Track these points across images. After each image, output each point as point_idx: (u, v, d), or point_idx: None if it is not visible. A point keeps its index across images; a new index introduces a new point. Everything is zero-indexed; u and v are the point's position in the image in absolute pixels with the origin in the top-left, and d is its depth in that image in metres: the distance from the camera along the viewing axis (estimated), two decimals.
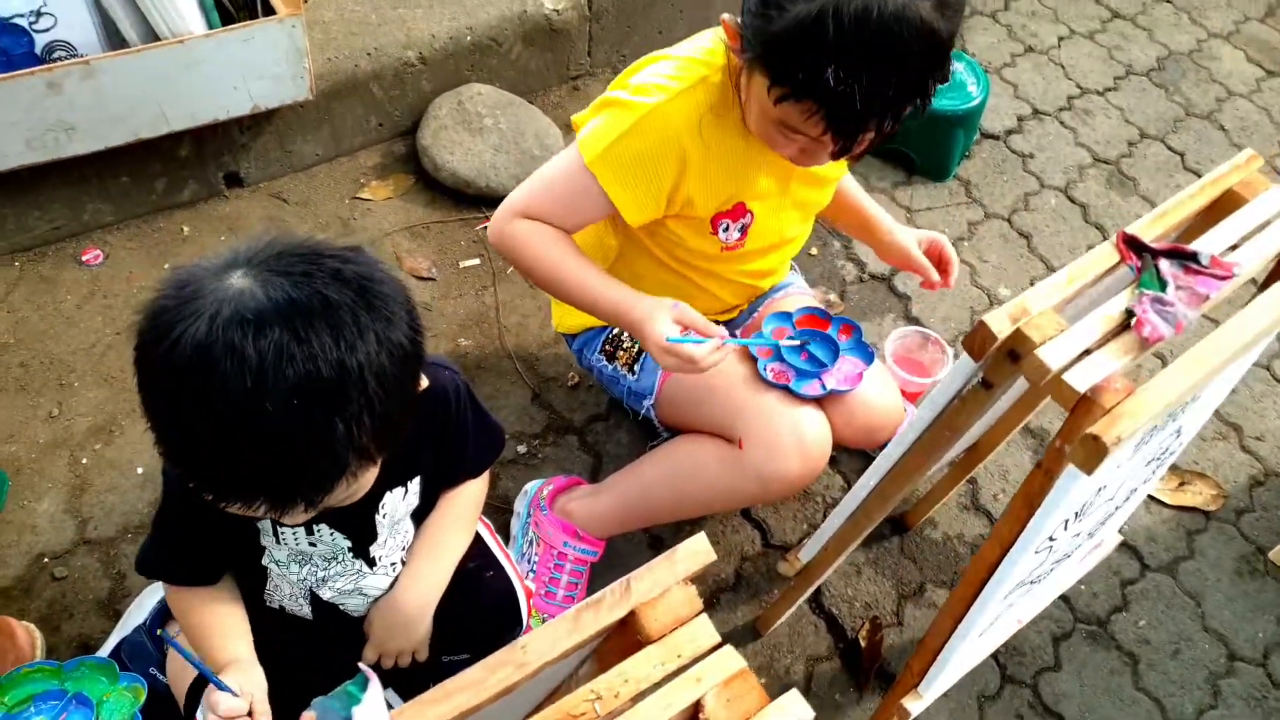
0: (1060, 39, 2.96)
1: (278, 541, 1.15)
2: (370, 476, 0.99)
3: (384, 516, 1.19)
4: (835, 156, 1.30)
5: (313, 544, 1.16)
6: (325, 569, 1.21)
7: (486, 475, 1.35)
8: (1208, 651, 1.77)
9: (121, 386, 1.86)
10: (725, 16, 1.30)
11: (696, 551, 0.78)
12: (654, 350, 1.34)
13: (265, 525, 1.14)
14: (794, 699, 0.72)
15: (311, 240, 0.91)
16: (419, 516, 1.27)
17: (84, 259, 2.03)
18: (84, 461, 1.76)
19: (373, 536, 1.20)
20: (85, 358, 1.89)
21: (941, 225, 2.41)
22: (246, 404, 0.80)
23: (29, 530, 1.67)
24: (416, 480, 1.21)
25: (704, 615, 0.77)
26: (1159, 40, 3.01)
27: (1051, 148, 2.64)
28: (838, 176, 1.59)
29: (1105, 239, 1.12)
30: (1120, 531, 1.88)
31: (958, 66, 2.43)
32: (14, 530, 1.66)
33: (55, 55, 1.85)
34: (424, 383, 1.02)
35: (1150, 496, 1.95)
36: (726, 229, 1.48)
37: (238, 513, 0.89)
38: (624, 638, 0.78)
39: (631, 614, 0.75)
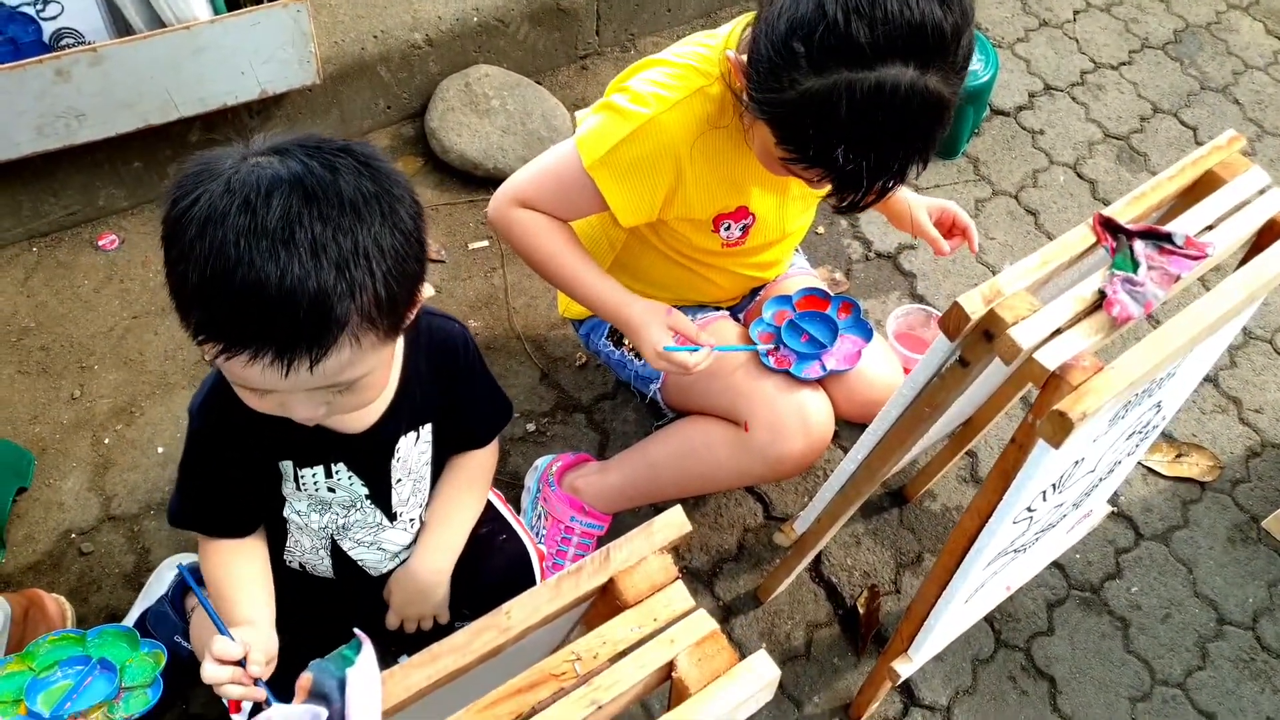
0: (1076, 12, 2.93)
1: (298, 488, 1.20)
2: (379, 370, 1.02)
3: (399, 462, 1.24)
4: (838, 210, 1.31)
5: (331, 489, 1.21)
6: (345, 517, 1.26)
7: (496, 445, 1.40)
8: (1198, 616, 1.81)
9: (140, 369, 1.92)
10: (730, 54, 1.29)
11: (672, 523, 0.83)
12: (648, 354, 1.42)
13: (286, 470, 1.19)
14: (761, 659, 0.77)
15: (319, 133, 0.97)
16: (437, 473, 1.32)
17: (100, 244, 2.09)
18: (106, 441, 1.82)
19: (389, 484, 1.25)
20: (104, 341, 1.95)
21: None
22: (255, 255, 0.85)
23: (56, 507, 1.74)
24: (429, 427, 1.26)
25: (679, 582, 0.81)
26: (1176, 12, 2.98)
27: (1062, 124, 2.64)
28: None
29: (1114, 204, 1.15)
30: (1114, 502, 1.92)
31: None
32: (41, 508, 1.73)
33: (63, 43, 1.89)
34: (429, 290, 1.07)
35: (1146, 468, 1.99)
36: (728, 228, 1.51)
37: (243, 369, 0.92)
38: (606, 604, 0.83)
39: (611, 581, 0.80)
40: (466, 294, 2.11)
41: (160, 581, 1.59)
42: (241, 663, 1.02)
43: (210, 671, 1.01)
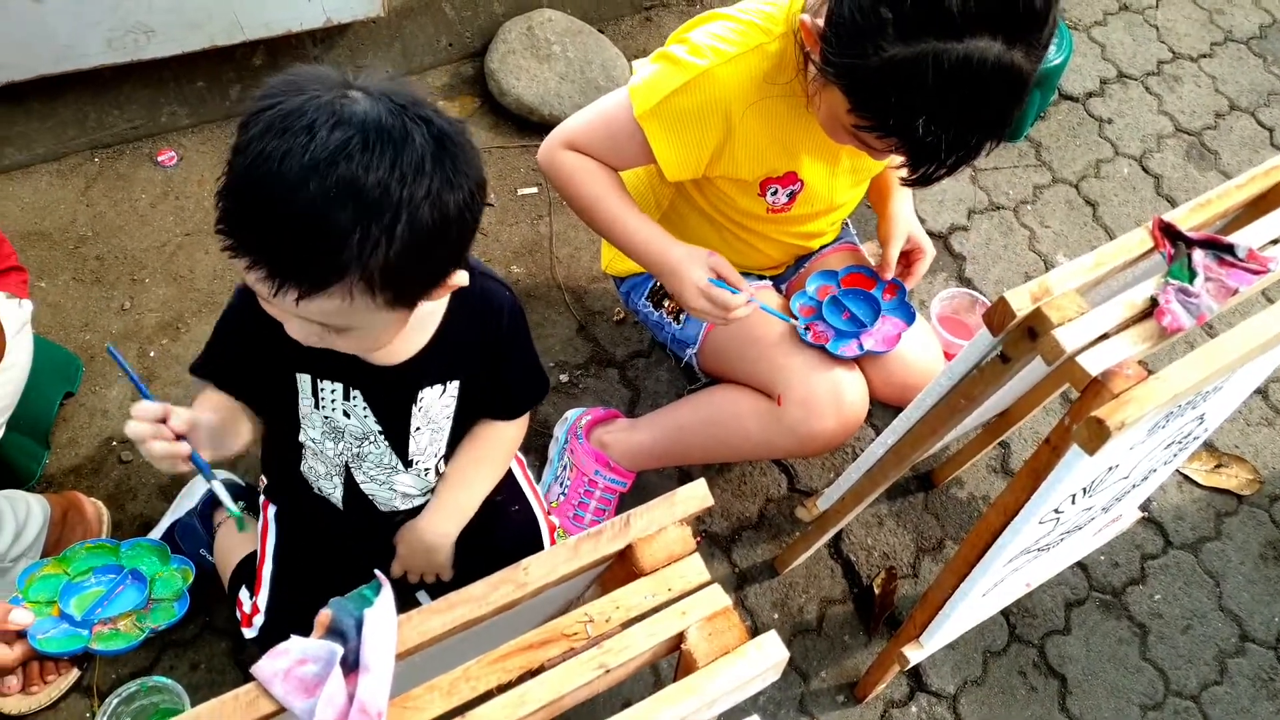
0: None
1: (316, 405, 1.22)
2: (376, 330, 1.03)
3: (420, 410, 1.25)
4: (904, 183, 1.28)
5: (347, 413, 1.22)
6: (358, 448, 1.27)
7: (525, 420, 1.40)
8: (1220, 630, 1.79)
9: (189, 286, 1.95)
10: (804, 18, 1.25)
11: (695, 496, 0.83)
12: (689, 292, 1.39)
13: (305, 386, 1.20)
14: (772, 640, 0.77)
15: (421, 91, 0.97)
16: (458, 429, 1.32)
17: (159, 159, 2.12)
18: (151, 354, 1.86)
19: (406, 427, 1.26)
20: (156, 255, 1.99)
21: (1006, 187, 2.38)
22: (292, 174, 0.87)
23: (100, 414, 1.78)
24: (456, 384, 1.26)
25: (696, 555, 0.82)
26: (1265, 6, 2.87)
27: (1132, 114, 2.57)
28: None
29: (1175, 209, 1.12)
30: (1147, 508, 1.90)
31: None
32: (86, 414, 1.78)
33: None
34: (463, 279, 1.06)
35: (1183, 475, 1.96)
36: (775, 193, 1.49)
37: (244, 273, 0.93)
38: (623, 568, 0.84)
39: (629, 547, 0.81)
40: (512, 240, 2.12)
41: (190, 496, 1.63)
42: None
43: (130, 427, 1.04)
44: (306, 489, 1.36)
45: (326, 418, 1.23)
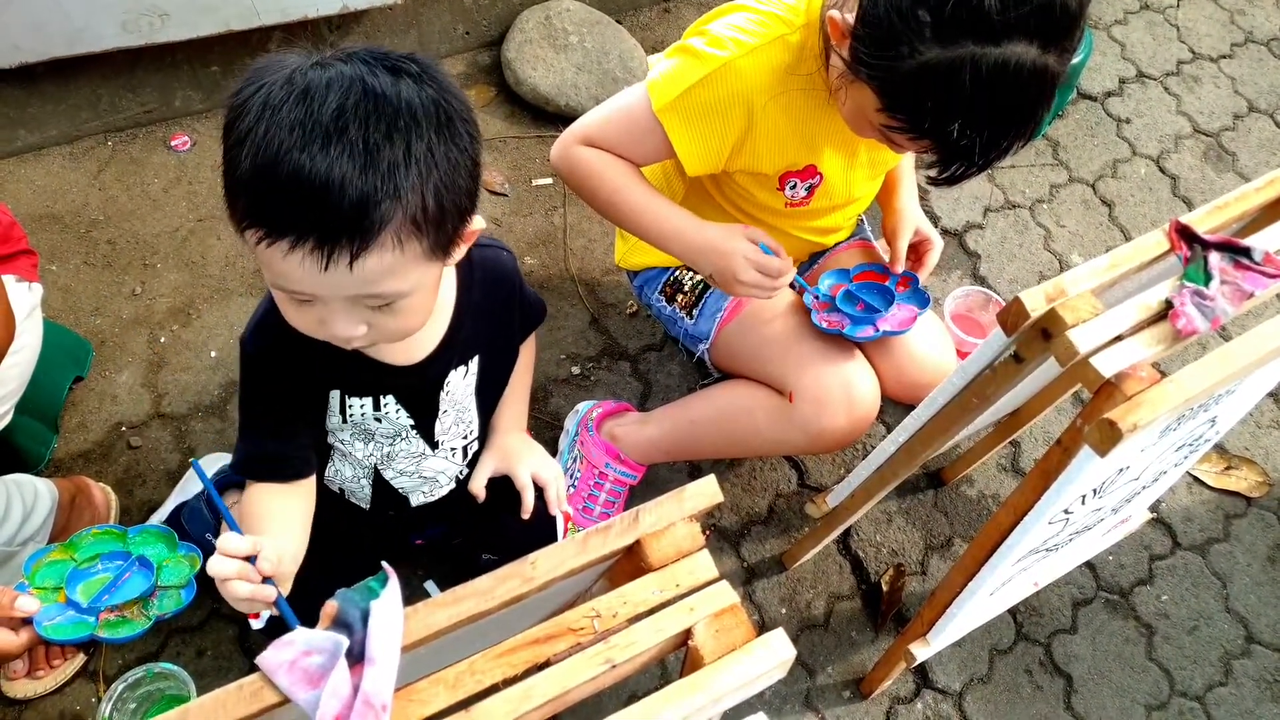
0: None
1: (344, 420, 1.22)
2: (421, 295, 1.01)
3: (447, 394, 1.26)
4: (933, 182, 1.27)
5: (378, 419, 1.23)
6: (390, 446, 1.28)
7: (532, 340, 1.43)
8: (1226, 631, 1.79)
9: (201, 272, 1.96)
10: (832, 13, 1.23)
11: (704, 492, 0.83)
12: (738, 264, 1.37)
13: (333, 403, 1.20)
14: (778, 637, 0.77)
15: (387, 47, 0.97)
16: (481, 403, 1.33)
17: (173, 144, 2.12)
18: (162, 340, 1.87)
19: (434, 415, 1.26)
20: (169, 241, 1.99)
21: (1022, 185, 2.37)
22: (307, 141, 0.86)
23: (109, 399, 1.79)
24: (476, 360, 1.27)
25: (704, 551, 0.81)
26: None
27: (1150, 114, 2.55)
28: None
29: (1192, 211, 1.11)
30: (1156, 509, 1.89)
31: None
32: (96, 398, 1.78)
33: None
34: (480, 223, 1.06)
35: (1193, 476, 1.95)
36: (794, 187, 1.48)
37: (284, 260, 0.91)
38: (631, 564, 0.83)
39: (637, 543, 0.81)
40: (526, 230, 2.12)
41: (197, 479, 1.64)
42: (252, 562, 0.99)
43: (216, 564, 0.98)
44: (327, 491, 1.36)
45: (355, 424, 1.24)
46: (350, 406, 1.20)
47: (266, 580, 1.00)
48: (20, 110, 2.01)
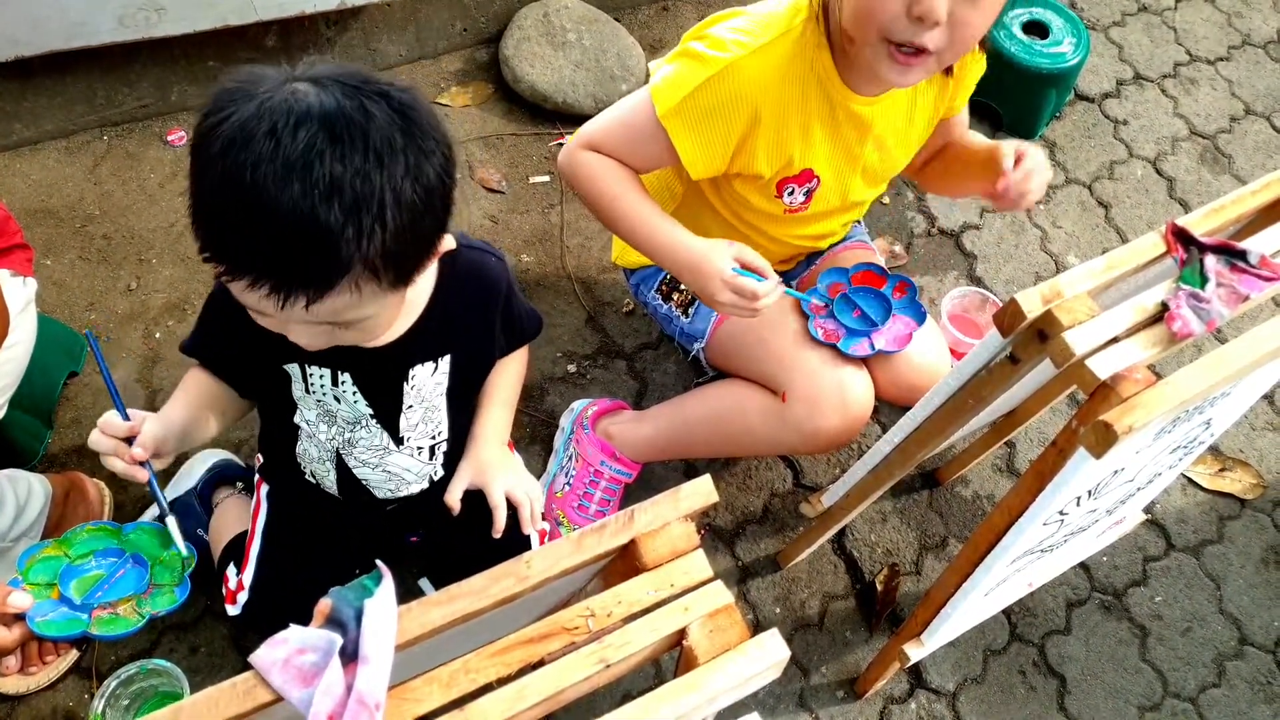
0: (1178, 0, 2.83)
1: (307, 390, 1.21)
2: (383, 314, 1.03)
3: (412, 389, 1.24)
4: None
5: (337, 398, 1.22)
6: (350, 432, 1.27)
7: (525, 350, 1.42)
8: (1219, 633, 1.79)
9: (196, 268, 1.95)
10: None
11: (699, 492, 0.82)
12: (714, 285, 1.35)
13: (295, 372, 1.20)
14: (772, 637, 0.77)
15: (366, 69, 0.96)
16: (453, 405, 1.32)
17: (169, 139, 2.12)
18: (157, 336, 1.86)
19: (398, 407, 1.25)
20: (164, 236, 1.98)
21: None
22: (270, 184, 0.85)
23: (103, 395, 1.78)
24: (448, 359, 1.25)
25: (699, 550, 0.81)
26: None
27: (1147, 115, 2.55)
28: (915, 142, 1.56)
29: (1189, 214, 1.11)
30: (1150, 511, 1.89)
31: (1058, 23, 2.36)
32: (90, 393, 1.78)
33: None
34: (451, 242, 1.05)
35: (1187, 478, 1.95)
36: (792, 193, 1.48)
37: (244, 293, 0.92)
38: (625, 563, 0.83)
39: (632, 543, 0.81)
40: (522, 228, 2.11)
41: (190, 475, 1.64)
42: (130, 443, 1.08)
43: (94, 438, 1.09)
44: (300, 472, 1.36)
45: (319, 401, 1.23)
46: (310, 375, 1.20)
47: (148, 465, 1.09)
48: (16, 104, 2.00)
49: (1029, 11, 2.37)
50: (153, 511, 1.61)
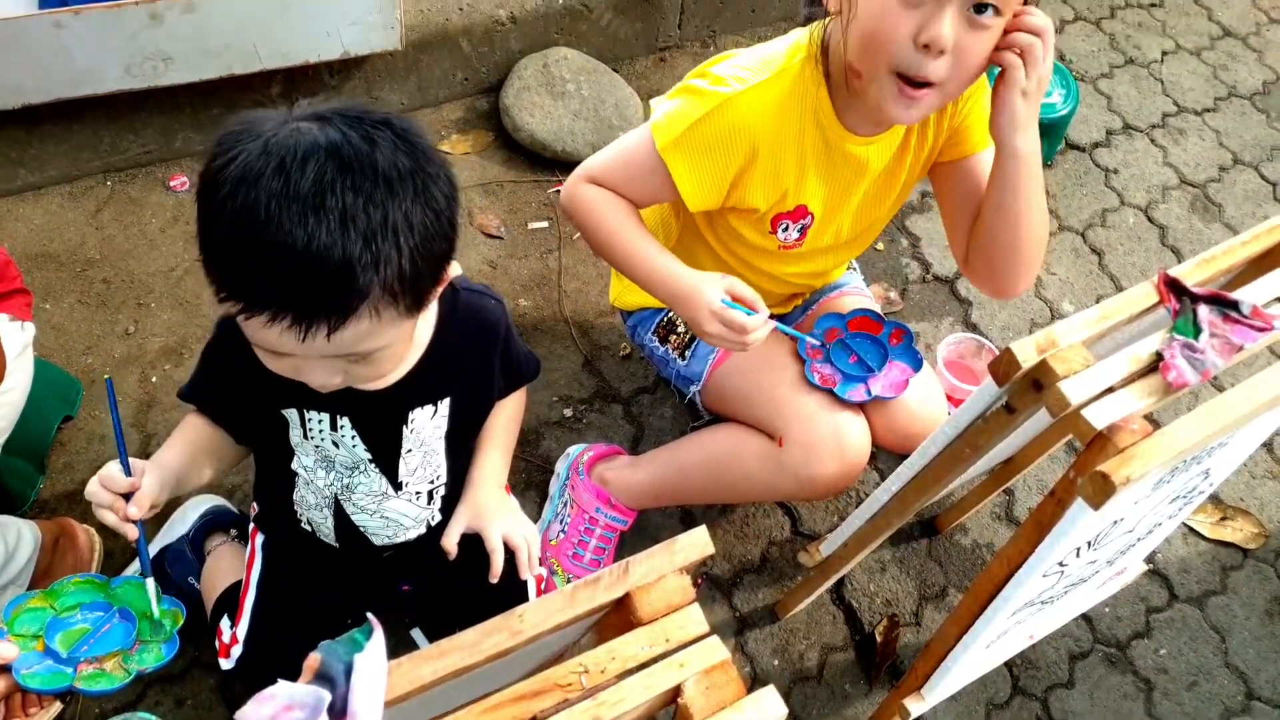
0: (1164, 53, 2.87)
1: (305, 435, 1.21)
2: (396, 345, 1.03)
3: (411, 432, 1.24)
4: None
5: (335, 443, 1.21)
6: (348, 478, 1.26)
7: (522, 392, 1.43)
8: (1226, 687, 1.77)
9: (195, 312, 1.95)
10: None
11: (695, 544, 0.82)
12: (703, 315, 1.35)
13: (293, 417, 1.19)
14: (769, 694, 0.76)
15: (364, 102, 0.97)
16: (451, 449, 1.32)
17: (171, 184, 2.13)
18: (154, 380, 1.86)
19: (397, 451, 1.25)
20: (164, 280, 1.99)
21: None
22: (285, 218, 0.86)
23: (98, 439, 1.77)
24: (447, 402, 1.25)
25: (695, 605, 0.80)
26: (1268, 63, 2.90)
27: (1137, 165, 2.58)
28: (909, 182, 1.57)
29: (1180, 264, 1.12)
30: (1152, 560, 1.88)
31: None
32: (84, 438, 1.77)
33: None
34: (456, 269, 1.06)
35: (1188, 527, 1.94)
36: (786, 229, 1.49)
37: (263, 330, 0.92)
38: (620, 617, 0.82)
39: (627, 596, 0.80)
40: (520, 273, 2.12)
41: (183, 521, 1.63)
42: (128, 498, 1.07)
43: (91, 489, 1.07)
44: (296, 521, 1.35)
45: (317, 446, 1.23)
46: (309, 420, 1.19)
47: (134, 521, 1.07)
48: (22, 150, 2.02)
49: None
50: (138, 565, 1.59)
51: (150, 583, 1.08)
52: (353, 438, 1.21)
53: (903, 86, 1.22)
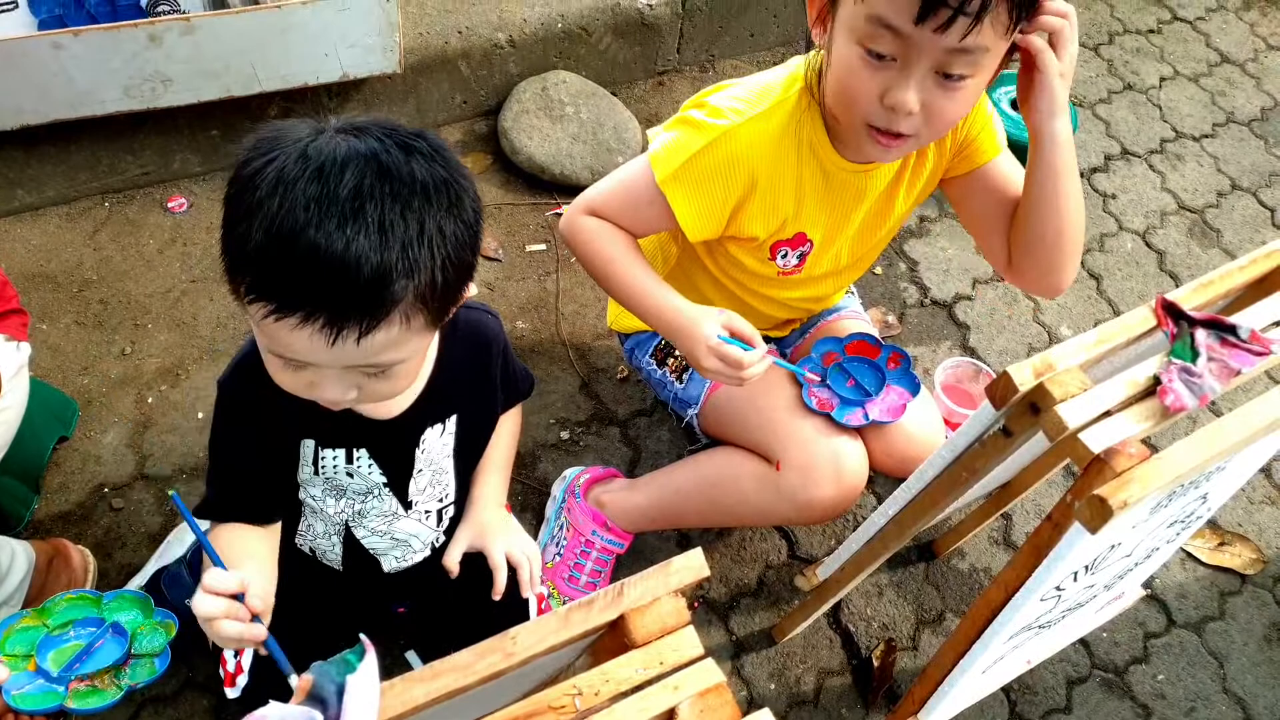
0: (1162, 79, 2.89)
1: (316, 471, 1.20)
2: (414, 360, 1.03)
3: (423, 453, 1.24)
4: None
5: (350, 474, 1.21)
6: (361, 503, 1.26)
7: (518, 410, 1.44)
8: (1224, 713, 1.75)
9: (191, 333, 1.95)
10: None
11: (690, 566, 0.81)
12: (700, 351, 1.35)
13: (306, 453, 1.18)
14: (765, 718, 0.75)
15: (392, 119, 0.98)
16: (459, 466, 1.32)
17: (169, 206, 2.13)
18: (150, 400, 1.85)
19: (409, 473, 1.25)
20: (161, 301, 1.99)
21: None
22: (325, 222, 0.87)
23: (93, 460, 1.77)
24: (454, 419, 1.26)
25: (690, 627, 0.80)
26: (1266, 90, 2.92)
27: (1136, 190, 2.59)
28: (910, 202, 1.57)
29: (1178, 288, 1.12)
30: (1150, 585, 1.87)
31: None
32: (79, 459, 1.77)
33: (159, 9, 1.95)
34: (473, 290, 1.07)
35: (1187, 553, 1.93)
36: (785, 255, 1.50)
37: (293, 331, 0.91)
38: (614, 639, 0.82)
39: (621, 618, 0.79)
40: (518, 295, 2.12)
41: (180, 542, 1.62)
42: (239, 599, 0.96)
43: (202, 603, 0.94)
44: (297, 548, 1.34)
45: (327, 479, 1.22)
46: (323, 458, 1.19)
47: (255, 618, 0.97)
48: (20, 171, 2.02)
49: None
50: (137, 580, 1.58)
51: (295, 679, 0.84)
52: (369, 465, 1.21)
53: (874, 134, 1.23)
